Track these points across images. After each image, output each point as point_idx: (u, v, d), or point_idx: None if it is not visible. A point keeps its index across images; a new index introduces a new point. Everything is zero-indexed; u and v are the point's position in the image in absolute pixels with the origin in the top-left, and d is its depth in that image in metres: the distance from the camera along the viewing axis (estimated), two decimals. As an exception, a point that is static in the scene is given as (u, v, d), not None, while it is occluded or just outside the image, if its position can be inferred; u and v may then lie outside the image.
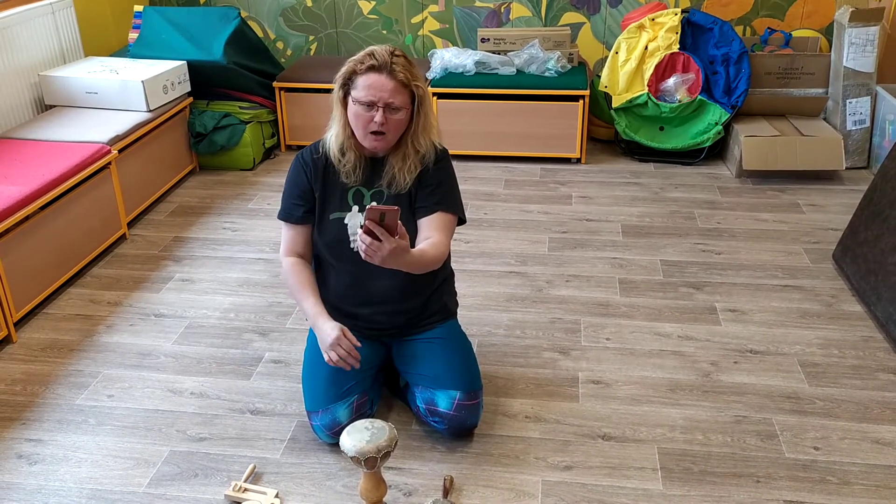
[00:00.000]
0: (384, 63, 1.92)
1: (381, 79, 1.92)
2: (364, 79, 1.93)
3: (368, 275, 2.08)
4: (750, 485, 1.99)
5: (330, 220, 2.07)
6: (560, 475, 2.03)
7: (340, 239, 2.06)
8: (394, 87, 1.92)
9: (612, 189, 3.83)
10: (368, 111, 1.93)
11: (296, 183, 2.09)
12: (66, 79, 3.60)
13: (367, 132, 1.96)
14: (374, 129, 1.95)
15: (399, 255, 1.84)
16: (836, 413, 2.25)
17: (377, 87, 1.91)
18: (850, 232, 2.98)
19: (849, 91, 3.95)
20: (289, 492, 1.99)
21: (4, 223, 2.62)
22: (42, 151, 3.10)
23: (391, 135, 1.98)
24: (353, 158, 2.04)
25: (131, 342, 2.63)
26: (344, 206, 2.07)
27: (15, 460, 2.11)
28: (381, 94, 1.91)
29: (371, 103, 1.92)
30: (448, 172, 2.11)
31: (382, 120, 1.93)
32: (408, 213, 2.07)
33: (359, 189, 2.08)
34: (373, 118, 1.94)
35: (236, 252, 3.25)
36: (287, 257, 2.12)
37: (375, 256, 1.82)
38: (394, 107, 1.93)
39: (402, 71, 1.92)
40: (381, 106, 1.92)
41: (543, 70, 4.08)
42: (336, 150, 2.04)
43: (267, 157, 4.27)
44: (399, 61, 1.93)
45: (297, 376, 2.43)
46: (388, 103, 1.92)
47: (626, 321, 2.72)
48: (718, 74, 3.96)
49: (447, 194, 2.08)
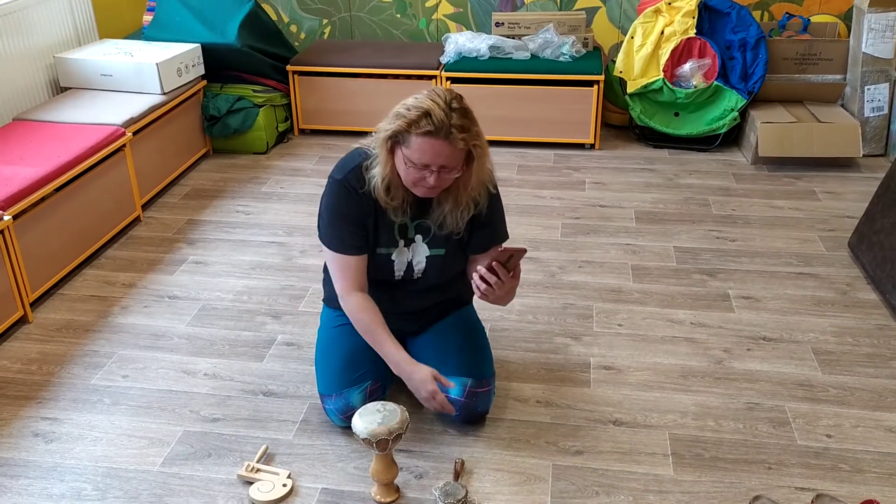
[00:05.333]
0: (442, 127, 1.75)
1: (438, 144, 1.76)
2: (419, 141, 1.77)
3: (404, 295, 2.06)
4: (761, 471, 1.99)
5: (378, 255, 2.01)
6: (571, 460, 2.03)
7: (386, 272, 2.02)
8: (451, 153, 1.78)
9: (625, 175, 3.81)
10: (421, 171, 1.81)
11: (347, 212, 1.94)
12: (80, 61, 3.61)
13: (417, 185, 1.85)
14: (425, 186, 1.84)
15: (511, 294, 1.89)
16: (850, 401, 2.24)
17: (433, 153, 1.77)
18: (866, 219, 2.95)
19: (867, 77, 3.90)
20: (301, 473, 2.00)
21: (20, 204, 2.64)
22: (57, 133, 3.12)
23: (442, 187, 1.87)
24: (401, 198, 1.92)
25: (145, 323, 2.65)
26: (391, 241, 1.99)
27: (31, 438, 2.13)
28: (437, 159, 1.78)
29: (425, 166, 1.80)
30: (499, 211, 2.04)
31: (436, 183, 1.82)
32: (457, 249, 2.04)
33: (404, 223, 2.00)
34: (424, 178, 1.82)
35: (249, 235, 3.26)
36: (352, 294, 1.98)
37: (492, 295, 1.85)
38: (449, 167, 1.82)
39: (462, 136, 1.77)
40: (436, 169, 1.80)
41: (558, 55, 4.05)
42: (383, 191, 1.89)
43: (280, 141, 4.28)
44: (458, 122, 1.77)
45: (309, 359, 2.44)
46: (442, 166, 1.80)
47: (638, 307, 2.71)
48: (735, 60, 3.92)
49: (499, 230, 2.05)
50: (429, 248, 2.01)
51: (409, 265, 2.02)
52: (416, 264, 2.02)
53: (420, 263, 2.02)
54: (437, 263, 2.04)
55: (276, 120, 4.19)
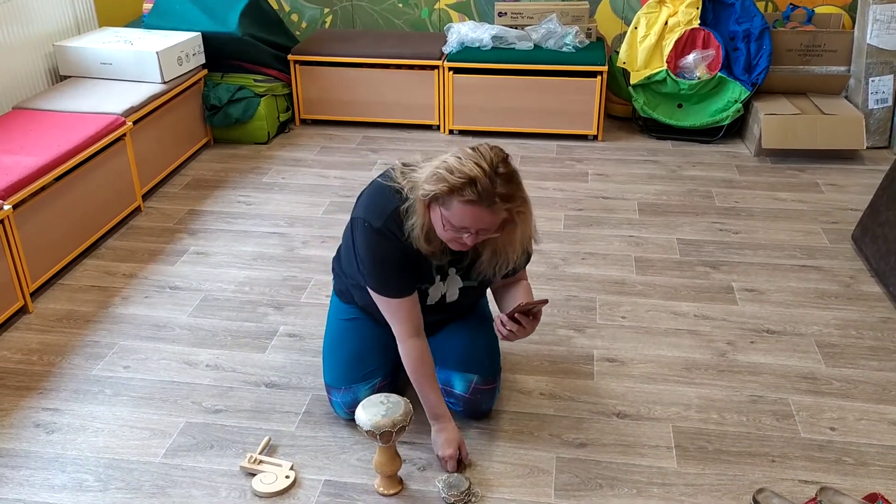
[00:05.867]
0: (486, 196, 1.68)
1: (480, 212, 1.70)
2: (461, 207, 1.70)
3: (428, 314, 2.02)
4: (765, 464, 1.98)
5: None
6: (574, 452, 2.03)
7: (420, 301, 1.99)
8: (492, 220, 1.72)
9: (628, 167, 3.79)
10: (458, 232, 1.75)
11: (395, 260, 1.87)
12: (80, 49, 3.59)
13: (452, 241, 1.80)
14: (460, 242, 1.79)
15: (531, 333, 1.93)
16: (853, 394, 2.23)
17: (473, 220, 1.71)
18: (870, 212, 2.94)
19: (871, 69, 3.88)
20: (304, 464, 1.99)
21: (20, 193, 2.62)
22: (57, 122, 3.10)
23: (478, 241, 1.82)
24: (438, 247, 1.87)
25: (146, 314, 2.64)
26: (428, 278, 1.97)
27: (32, 429, 2.12)
28: (477, 224, 1.72)
29: (464, 228, 1.74)
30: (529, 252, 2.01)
31: (472, 243, 1.78)
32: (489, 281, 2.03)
33: (443, 264, 1.97)
34: (461, 238, 1.76)
35: (251, 226, 3.24)
36: (412, 339, 1.93)
37: (513, 339, 1.91)
38: (487, 230, 1.76)
39: (506, 207, 1.71)
40: (474, 232, 1.75)
41: (561, 45, 4.03)
42: (423, 241, 1.83)
43: (282, 131, 4.25)
44: (502, 191, 1.69)
45: (311, 350, 2.43)
46: (482, 229, 1.75)
47: (641, 300, 2.70)
48: (739, 51, 3.90)
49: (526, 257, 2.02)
50: (462, 280, 2.01)
51: (442, 296, 2.03)
52: (449, 295, 2.03)
53: (453, 294, 2.03)
54: (468, 293, 2.05)
55: (278, 110, 4.17)
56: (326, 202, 3.44)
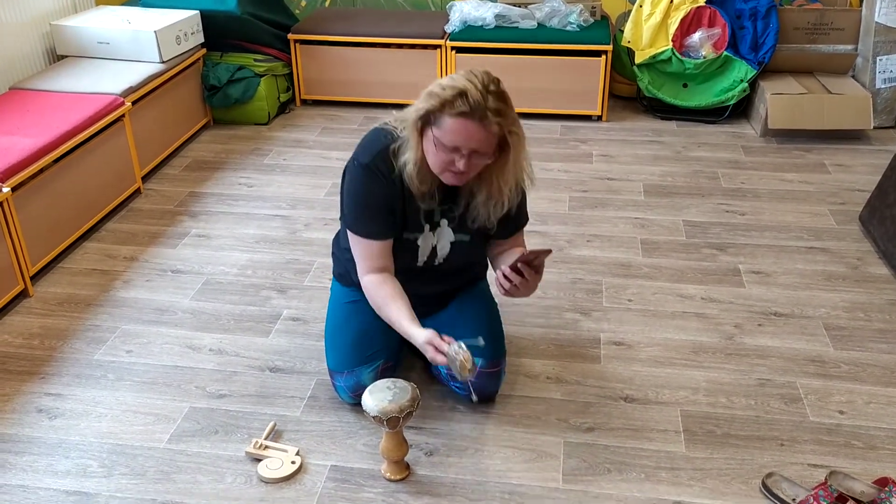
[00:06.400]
0: (477, 108, 1.67)
1: (472, 126, 1.68)
2: (452, 122, 1.68)
3: (423, 281, 2.02)
4: (774, 448, 1.97)
5: (403, 240, 1.95)
6: (582, 436, 2.01)
7: (409, 256, 1.97)
8: (484, 136, 1.70)
9: (633, 147, 3.75)
10: (450, 154, 1.73)
11: (376, 199, 1.86)
12: (77, 28, 3.53)
13: (446, 170, 1.78)
14: (454, 170, 1.77)
15: (534, 289, 1.86)
16: (862, 377, 2.22)
17: (465, 136, 1.69)
18: (878, 193, 2.91)
19: (879, 48, 3.83)
20: (309, 450, 1.98)
21: (19, 176, 2.59)
22: (55, 103, 3.05)
23: (472, 173, 1.80)
24: (430, 183, 1.85)
25: (148, 297, 2.62)
26: (417, 226, 1.93)
27: (35, 414, 2.11)
28: (469, 142, 1.70)
29: (455, 149, 1.72)
30: (523, 197, 1.98)
31: (465, 168, 1.74)
32: (481, 236, 1.99)
33: (432, 208, 1.93)
34: (453, 161, 1.74)
35: (252, 208, 3.21)
36: (373, 273, 1.91)
37: (516, 293, 1.83)
38: (480, 153, 1.73)
39: (498, 121, 1.69)
40: (466, 153, 1.72)
41: (565, 24, 3.98)
42: (415, 176, 1.81)
43: (282, 112, 4.21)
44: (494, 105, 1.68)
45: (315, 334, 2.41)
46: (474, 150, 1.72)
47: (648, 282, 2.68)
48: (745, 29, 3.85)
49: (523, 215, 2.00)
50: (454, 233, 1.97)
51: (433, 250, 1.98)
52: (440, 249, 1.98)
53: (444, 248, 1.98)
54: (461, 249, 2.00)
55: (278, 90, 4.12)
56: (329, 184, 3.40)
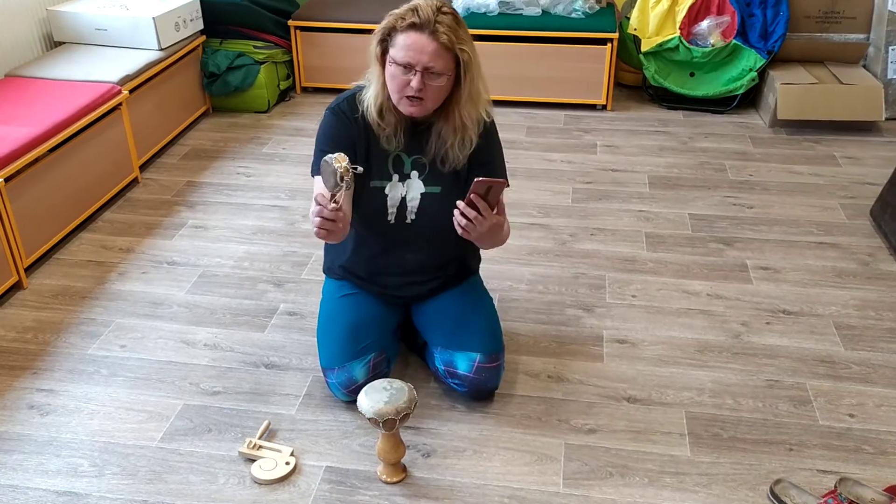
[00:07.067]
0: (427, 21, 1.73)
1: (422, 39, 1.73)
2: (403, 37, 1.75)
3: (400, 246, 1.99)
4: (782, 452, 1.92)
5: (370, 189, 1.93)
6: (583, 438, 1.96)
7: (378, 210, 1.94)
8: (435, 49, 1.73)
9: (638, 138, 3.68)
10: (405, 74, 1.76)
11: (337, 138, 1.89)
12: (74, 14, 3.47)
13: (403, 96, 1.80)
14: (409, 94, 1.78)
15: (496, 232, 1.80)
16: (873, 378, 2.16)
17: (416, 49, 1.73)
18: (889, 187, 2.84)
19: (892, 37, 3.74)
20: (304, 450, 1.93)
21: (13, 165, 2.54)
22: (51, 90, 3.00)
23: (430, 101, 1.81)
24: (394, 122, 1.88)
25: (144, 290, 2.57)
26: (384, 174, 1.93)
27: (26, 411, 2.07)
28: (420, 56, 1.73)
29: (408, 65, 1.75)
30: (496, 145, 1.97)
31: (420, 86, 1.75)
32: (452, 188, 1.94)
33: (399, 155, 1.93)
34: (409, 82, 1.76)
35: (251, 198, 3.16)
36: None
37: (474, 232, 1.75)
38: (433, 71, 1.75)
39: (447, 32, 1.73)
40: (420, 70, 1.75)
41: (570, 11, 3.90)
42: (375, 111, 1.86)
43: (282, 100, 4.15)
44: (445, 20, 1.74)
45: (312, 329, 2.36)
46: (427, 67, 1.74)
47: (652, 278, 2.62)
48: (755, 17, 3.77)
49: (498, 169, 1.96)
50: (424, 185, 1.94)
51: (402, 202, 1.94)
52: (409, 200, 1.94)
53: (414, 200, 1.94)
54: (431, 203, 1.95)
55: (278, 77, 4.06)
56: (328, 174, 3.35)
